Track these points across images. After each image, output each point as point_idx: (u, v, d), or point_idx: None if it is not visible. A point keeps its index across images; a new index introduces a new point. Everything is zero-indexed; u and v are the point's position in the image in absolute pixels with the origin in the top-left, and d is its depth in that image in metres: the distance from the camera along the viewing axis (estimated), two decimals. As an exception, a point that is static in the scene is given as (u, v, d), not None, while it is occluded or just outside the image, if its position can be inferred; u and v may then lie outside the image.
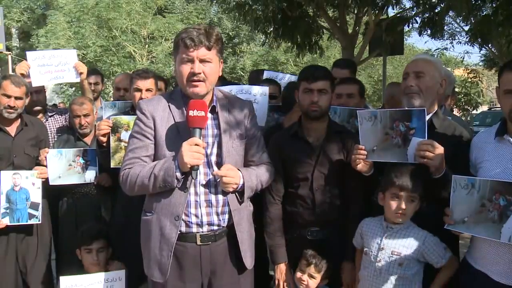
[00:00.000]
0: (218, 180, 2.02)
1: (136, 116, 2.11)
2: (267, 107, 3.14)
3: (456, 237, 2.17)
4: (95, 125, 3.28)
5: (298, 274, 2.41)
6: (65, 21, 16.09)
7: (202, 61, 1.96)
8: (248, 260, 2.13)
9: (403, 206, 2.07)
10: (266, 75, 4.02)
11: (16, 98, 3.04)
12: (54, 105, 11.11)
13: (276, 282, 2.48)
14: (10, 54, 7.94)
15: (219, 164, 2.04)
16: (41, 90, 3.75)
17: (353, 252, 2.38)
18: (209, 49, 1.96)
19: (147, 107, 2.06)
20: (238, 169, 2.07)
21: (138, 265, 2.19)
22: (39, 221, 3.03)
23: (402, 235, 2.12)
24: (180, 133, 2.00)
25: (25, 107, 3.34)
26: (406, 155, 2.07)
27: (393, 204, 2.10)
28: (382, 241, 2.14)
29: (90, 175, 3.22)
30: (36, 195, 3.01)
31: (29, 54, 3.58)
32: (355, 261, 2.38)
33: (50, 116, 3.75)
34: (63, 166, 3.15)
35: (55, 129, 3.72)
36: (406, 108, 2.12)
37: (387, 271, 2.11)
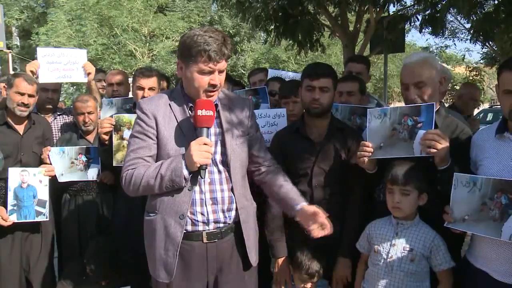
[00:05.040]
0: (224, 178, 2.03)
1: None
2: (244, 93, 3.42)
3: (459, 236, 2.15)
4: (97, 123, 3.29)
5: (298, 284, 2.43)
6: (66, 19, 16.07)
7: (219, 72, 1.96)
8: (253, 256, 2.13)
9: (396, 199, 2.10)
10: (271, 73, 4.11)
11: (29, 95, 3.03)
12: None
13: (274, 276, 2.50)
14: (10, 52, 7.93)
15: (224, 163, 2.04)
16: (57, 89, 3.75)
17: (349, 248, 2.38)
18: (227, 59, 1.98)
19: (148, 106, 2.03)
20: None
21: (142, 264, 2.19)
22: (46, 218, 3.04)
23: (413, 231, 2.13)
24: (183, 132, 1.99)
25: (36, 104, 3.34)
26: (413, 149, 2.07)
27: (389, 198, 2.14)
28: (393, 238, 2.15)
29: (92, 173, 3.23)
30: (43, 193, 3.02)
31: (39, 50, 3.58)
32: (358, 267, 2.36)
33: (59, 115, 3.76)
34: (65, 164, 3.16)
35: (59, 127, 3.73)
36: (415, 104, 2.13)
37: (399, 267, 2.11)
